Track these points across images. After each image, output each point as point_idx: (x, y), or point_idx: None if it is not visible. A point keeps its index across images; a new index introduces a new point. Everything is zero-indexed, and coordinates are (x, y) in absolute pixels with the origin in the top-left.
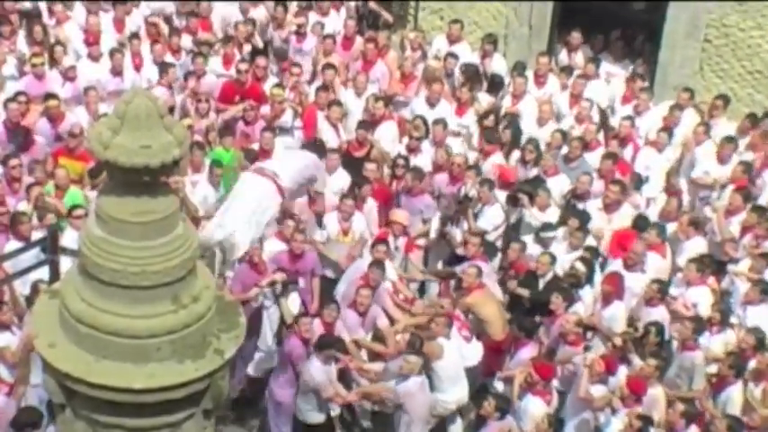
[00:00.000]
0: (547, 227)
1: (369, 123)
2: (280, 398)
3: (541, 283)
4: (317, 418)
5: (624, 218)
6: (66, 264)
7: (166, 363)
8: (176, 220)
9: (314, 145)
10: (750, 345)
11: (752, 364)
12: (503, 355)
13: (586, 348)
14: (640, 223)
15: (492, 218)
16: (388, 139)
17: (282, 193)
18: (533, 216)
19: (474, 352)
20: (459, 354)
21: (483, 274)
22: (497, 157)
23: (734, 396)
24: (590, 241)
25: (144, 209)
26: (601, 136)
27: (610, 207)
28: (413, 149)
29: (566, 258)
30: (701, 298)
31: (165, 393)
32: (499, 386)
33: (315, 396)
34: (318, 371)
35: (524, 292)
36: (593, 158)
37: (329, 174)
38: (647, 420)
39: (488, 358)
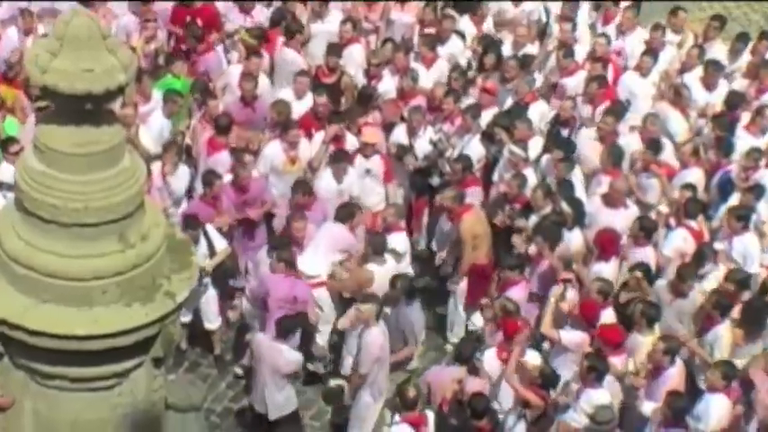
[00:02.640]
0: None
1: (338, 48)
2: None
3: (535, 219)
4: (289, 407)
5: None
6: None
7: (113, 307)
8: (122, 152)
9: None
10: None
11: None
12: (488, 281)
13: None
14: (616, 158)
15: (476, 150)
16: (355, 63)
17: None
18: (513, 151)
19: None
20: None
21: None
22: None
23: (721, 335)
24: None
25: (86, 139)
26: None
27: (605, 138)
28: (374, 77)
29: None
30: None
31: (111, 340)
32: (478, 320)
33: (287, 384)
34: (292, 356)
35: (524, 223)
36: (574, 82)
37: (298, 98)
38: (599, 360)
39: (473, 286)
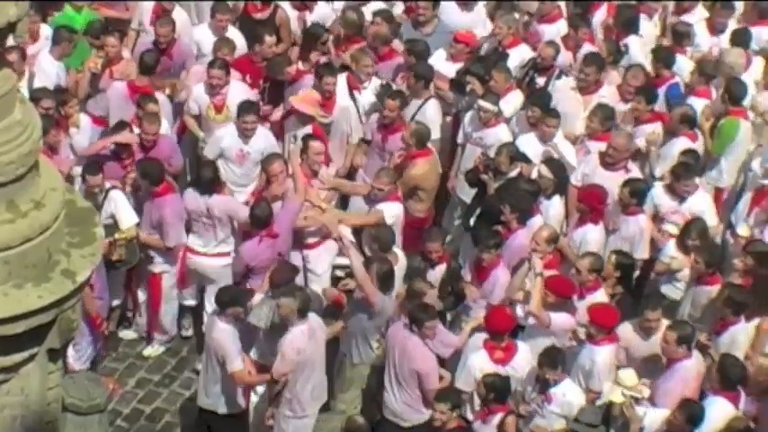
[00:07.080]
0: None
1: None
2: None
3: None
4: (223, 408)
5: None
6: None
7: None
8: (12, 102)
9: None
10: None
11: None
12: (423, 232)
13: None
14: (605, 119)
15: (433, 114)
16: None
17: None
18: (481, 106)
19: None
20: None
21: None
22: None
23: (738, 337)
24: None
25: None
26: None
27: (586, 89)
28: (304, 7)
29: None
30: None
31: None
32: None
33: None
34: (225, 333)
35: (490, 180)
36: (554, 31)
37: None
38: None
39: (408, 237)
